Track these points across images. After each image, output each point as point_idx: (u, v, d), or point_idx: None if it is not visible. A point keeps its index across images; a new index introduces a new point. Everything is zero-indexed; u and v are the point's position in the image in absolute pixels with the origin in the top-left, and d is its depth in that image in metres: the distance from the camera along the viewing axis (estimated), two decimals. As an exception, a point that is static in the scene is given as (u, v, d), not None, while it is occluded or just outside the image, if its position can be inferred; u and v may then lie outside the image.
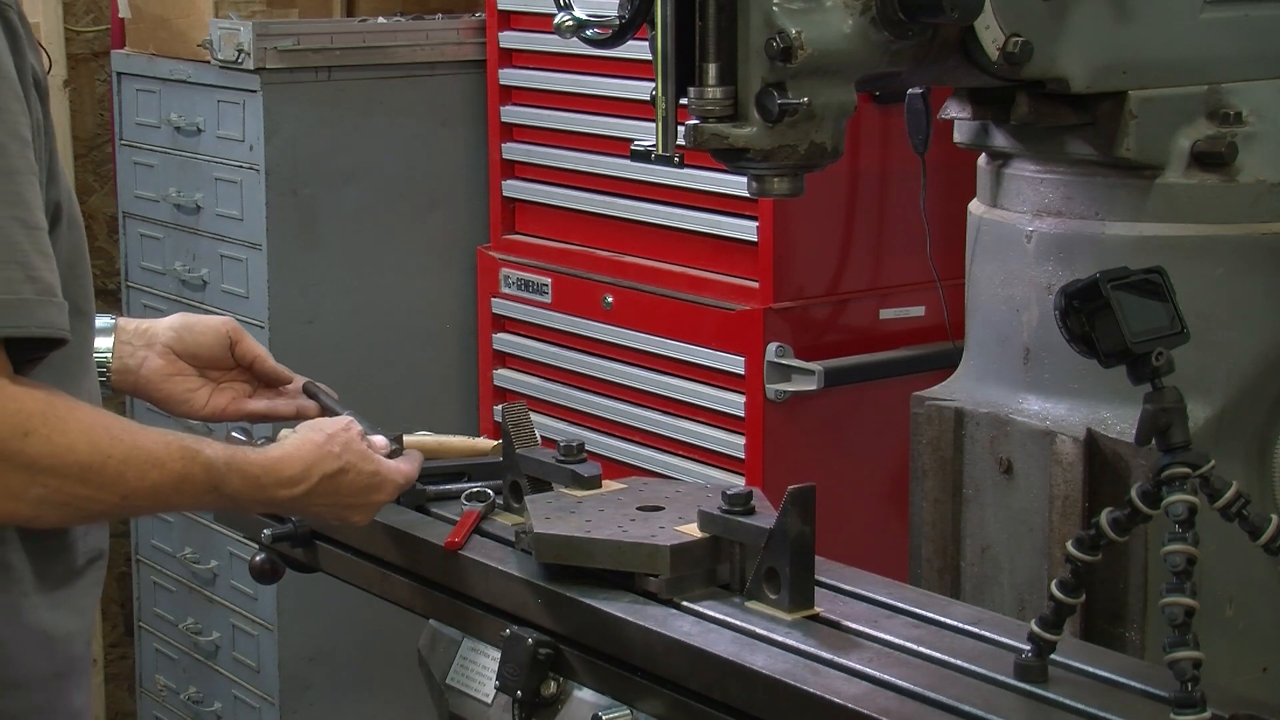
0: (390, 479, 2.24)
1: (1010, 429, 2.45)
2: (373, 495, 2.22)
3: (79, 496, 1.85)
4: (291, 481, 2.11)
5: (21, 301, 1.79)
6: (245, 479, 2.05)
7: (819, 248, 3.61)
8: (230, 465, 2.02)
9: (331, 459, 2.15)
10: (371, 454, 2.23)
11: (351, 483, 2.18)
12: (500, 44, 4.22)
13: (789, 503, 2.09)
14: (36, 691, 1.96)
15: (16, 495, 1.82)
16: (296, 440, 2.16)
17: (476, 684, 2.30)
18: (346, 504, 2.20)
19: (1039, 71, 2.29)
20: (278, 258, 4.20)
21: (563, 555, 2.21)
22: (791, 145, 2.17)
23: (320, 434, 2.17)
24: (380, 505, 2.25)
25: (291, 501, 2.14)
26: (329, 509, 2.19)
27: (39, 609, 1.96)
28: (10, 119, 1.80)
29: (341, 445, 2.17)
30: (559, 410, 4.06)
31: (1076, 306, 1.88)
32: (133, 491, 1.90)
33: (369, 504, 2.23)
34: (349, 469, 2.17)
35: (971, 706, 1.87)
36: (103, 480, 1.86)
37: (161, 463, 1.92)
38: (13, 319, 1.78)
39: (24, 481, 1.81)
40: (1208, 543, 1.86)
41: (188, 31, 4.34)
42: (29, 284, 1.79)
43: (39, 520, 1.88)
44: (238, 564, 4.36)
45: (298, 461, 2.12)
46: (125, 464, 1.88)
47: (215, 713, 4.59)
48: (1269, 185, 2.36)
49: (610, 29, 2.22)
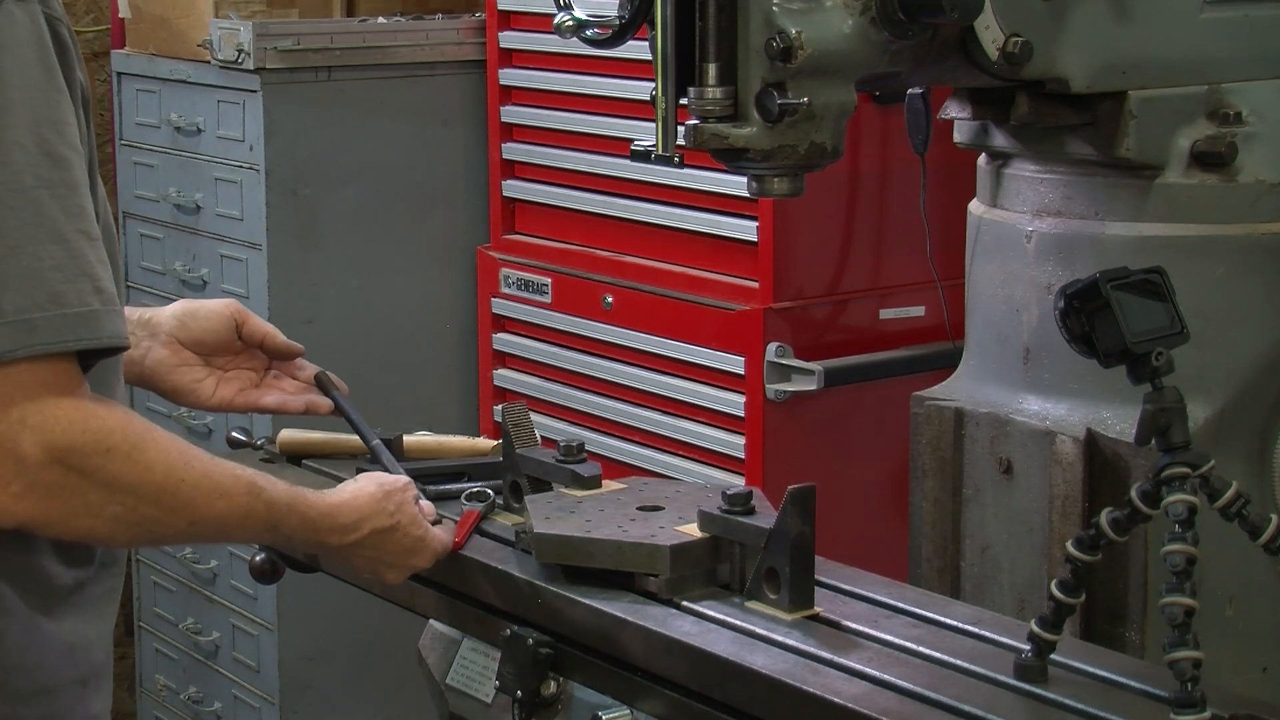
0: (431, 547, 2.26)
1: (1010, 429, 2.45)
2: (412, 558, 2.25)
3: (150, 518, 1.87)
4: (344, 530, 2.15)
5: (92, 313, 1.81)
6: (303, 522, 2.08)
7: (819, 248, 3.61)
8: (291, 507, 2.05)
9: (385, 515, 2.19)
10: (421, 519, 2.26)
11: (397, 543, 2.21)
12: (500, 44, 4.22)
13: (789, 503, 2.09)
14: (60, 698, 1.97)
15: (94, 512, 1.83)
16: (354, 489, 2.20)
17: (476, 684, 2.30)
18: (387, 561, 2.22)
19: (1039, 71, 2.29)
20: (278, 258, 4.20)
21: (563, 555, 2.21)
22: (791, 145, 2.17)
23: (379, 489, 2.20)
24: (415, 570, 2.27)
25: (339, 549, 2.17)
26: (369, 562, 2.22)
27: (64, 616, 1.97)
28: (70, 132, 1.83)
29: (396, 505, 2.21)
30: (559, 410, 4.06)
31: (1076, 306, 1.88)
32: (200, 519, 1.91)
33: (406, 566, 2.25)
34: (398, 529, 2.21)
35: (971, 706, 1.87)
36: (175, 504, 1.88)
37: (229, 494, 1.94)
38: (87, 331, 1.80)
39: (102, 499, 1.82)
40: (1208, 543, 1.86)
41: (188, 31, 4.34)
42: (96, 295, 1.81)
43: (111, 539, 1.91)
44: (238, 564, 4.36)
45: (353, 512, 2.16)
46: (196, 490, 1.90)
47: (215, 713, 4.59)
48: (1269, 185, 2.36)
49: (610, 29, 2.22)
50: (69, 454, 1.79)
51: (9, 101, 1.78)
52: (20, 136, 1.78)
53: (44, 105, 1.80)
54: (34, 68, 1.80)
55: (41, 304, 1.77)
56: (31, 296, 1.77)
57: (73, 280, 1.79)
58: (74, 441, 1.79)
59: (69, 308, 1.79)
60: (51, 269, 1.78)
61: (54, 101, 1.81)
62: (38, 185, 1.78)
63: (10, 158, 1.77)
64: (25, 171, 1.78)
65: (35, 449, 1.77)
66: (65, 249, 1.79)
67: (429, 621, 2.43)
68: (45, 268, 1.78)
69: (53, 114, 1.81)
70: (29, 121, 1.79)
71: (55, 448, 1.78)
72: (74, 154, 1.83)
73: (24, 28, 1.80)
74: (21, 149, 1.78)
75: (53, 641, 1.95)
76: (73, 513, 1.82)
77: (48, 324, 1.77)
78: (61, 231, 1.79)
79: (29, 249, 1.77)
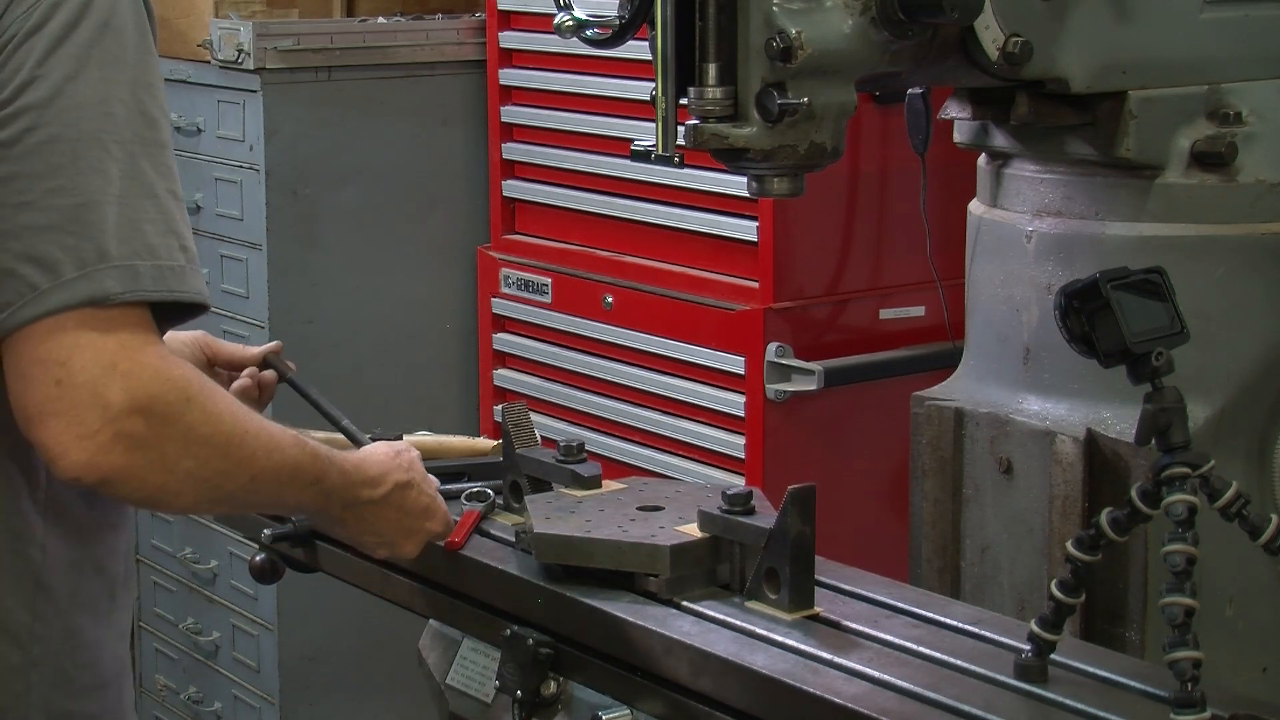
0: (441, 509, 2.29)
1: (1010, 429, 2.45)
2: (426, 521, 2.25)
3: (219, 472, 1.87)
4: (374, 482, 2.16)
5: (180, 269, 1.82)
6: (342, 474, 2.08)
7: (819, 248, 3.61)
8: (330, 461, 2.06)
9: (402, 470, 2.20)
10: (430, 480, 2.28)
11: (415, 500, 2.22)
12: (500, 44, 4.22)
13: (789, 503, 2.09)
14: (112, 692, 2.00)
15: (169, 467, 1.82)
16: (367, 449, 2.23)
17: (476, 684, 2.30)
18: (407, 525, 2.23)
19: (1039, 71, 2.29)
20: (278, 258, 4.20)
21: (563, 555, 2.21)
22: (791, 145, 2.17)
23: (389, 448, 2.23)
24: (429, 536, 2.27)
25: (371, 505, 2.16)
26: (393, 524, 2.21)
27: (115, 610, 2.01)
28: (160, 95, 1.87)
29: (408, 462, 2.23)
30: (559, 410, 4.06)
31: (1076, 306, 1.88)
32: (261, 472, 1.91)
33: (422, 530, 2.25)
34: (414, 485, 2.22)
35: (971, 706, 1.87)
36: (241, 456, 1.88)
37: (281, 447, 1.95)
38: (180, 285, 1.82)
39: (179, 452, 1.82)
40: (1208, 543, 1.86)
41: (188, 31, 4.34)
42: (183, 253, 1.83)
43: (178, 498, 1.88)
44: (238, 564, 4.36)
45: (376, 464, 2.18)
46: (258, 441, 1.90)
47: (215, 713, 4.59)
48: (1269, 185, 2.36)
49: (610, 29, 2.22)
50: (154, 402, 1.79)
51: (116, 59, 1.82)
52: (123, 93, 1.82)
53: (140, 66, 1.85)
54: (135, 31, 1.85)
55: (140, 253, 1.79)
56: (132, 245, 1.79)
57: (164, 235, 1.82)
58: (158, 390, 1.79)
59: (163, 260, 1.81)
60: (147, 221, 1.81)
61: (149, 65, 1.86)
62: (134, 140, 1.82)
63: (114, 110, 1.81)
64: (126, 126, 1.81)
65: (122, 396, 1.77)
66: (156, 205, 1.82)
67: (429, 621, 2.43)
68: (142, 219, 1.81)
69: (147, 76, 1.86)
70: (130, 80, 1.83)
71: (142, 394, 1.78)
72: (163, 116, 1.87)
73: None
74: (123, 104, 1.82)
75: (109, 636, 1.99)
76: (149, 467, 1.81)
77: (148, 273, 1.80)
78: (153, 188, 1.82)
79: (129, 200, 1.80)
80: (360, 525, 2.19)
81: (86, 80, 1.79)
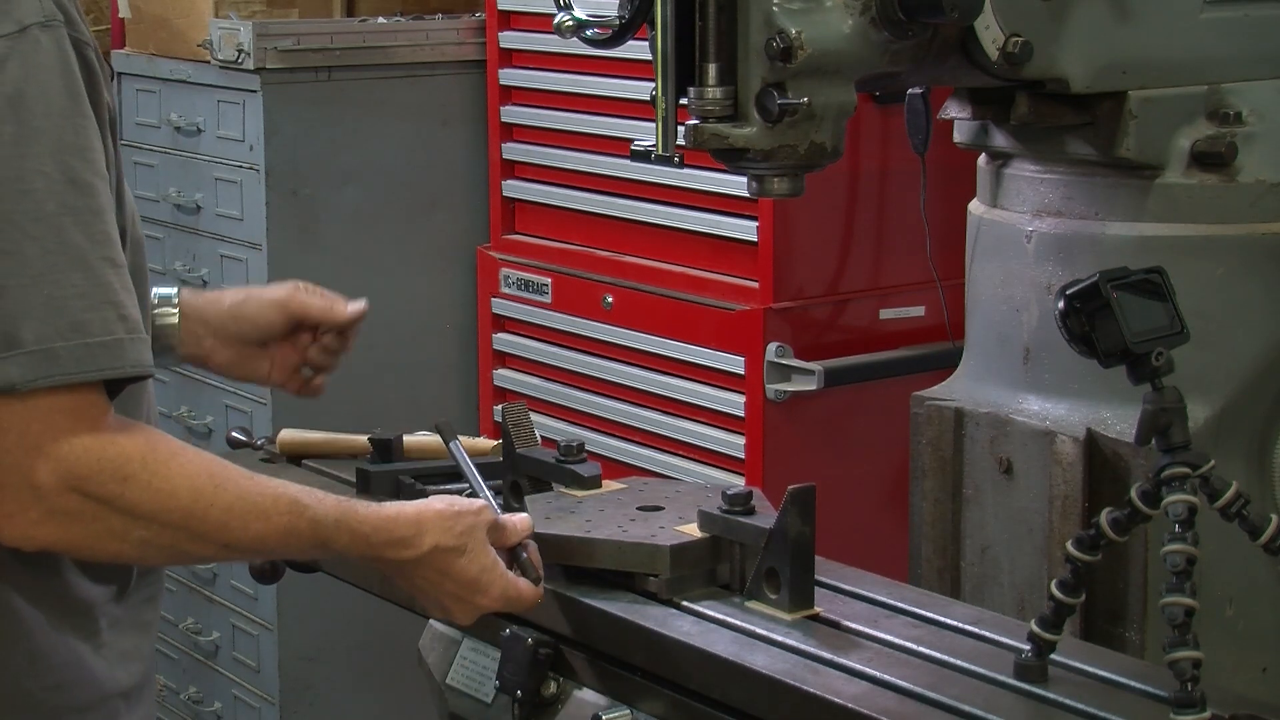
0: (497, 585, 2.07)
1: (1010, 429, 2.45)
2: (477, 595, 2.06)
3: (179, 543, 1.86)
4: (402, 543, 2.01)
5: (116, 342, 1.80)
6: (354, 537, 1.98)
7: (819, 248, 3.62)
8: (340, 523, 1.97)
9: (450, 535, 2.03)
10: (493, 553, 2.07)
11: (463, 569, 2.04)
12: (500, 44, 4.23)
13: (789, 503, 2.09)
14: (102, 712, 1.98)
15: (120, 537, 1.82)
16: (418, 504, 2.06)
17: (476, 684, 2.30)
18: (451, 591, 2.05)
19: (1039, 71, 2.29)
20: (278, 258, 4.20)
21: (563, 555, 2.21)
22: (791, 145, 2.17)
23: (447, 507, 2.05)
24: (484, 610, 2.08)
25: (400, 565, 2.02)
26: (433, 589, 2.05)
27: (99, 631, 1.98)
28: (95, 159, 1.82)
29: (466, 527, 2.04)
30: (559, 410, 4.06)
31: (1076, 307, 1.88)
32: (235, 542, 1.89)
33: (472, 604, 2.06)
34: (465, 552, 2.03)
35: (971, 706, 1.87)
36: (205, 529, 1.86)
37: (267, 515, 1.90)
38: (110, 360, 1.79)
39: (125, 524, 1.82)
40: (1208, 543, 1.86)
41: (188, 31, 4.34)
42: (120, 323, 1.80)
43: (144, 560, 1.92)
44: (238, 564, 4.36)
45: (410, 524, 2.02)
46: (229, 513, 1.87)
47: (215, 713, 4.59)
48: (1269, 185, 2.36)
49: (610, 29, 2.22)
50: (85, 482, 1.78)
51: (33, 130, 1.78)
52: (44, 164, 1.77)
53: (69, 132, 1.80)
54: (59, 95, 1.80)
55: (64, 333, 1.77)
56: (54, 325, 1.76)
57: (96, 308, 1.78)
58: (90, 470, 1.78)
59: (92, 336, 1.78)
60: (74, 297, 1.77)
61: (79, 128, 1.81)
62: (61, 212, 1.78)
63: (32, 185, 1.77)
64: (48, 199, 1.77)
65: (51, 478, 1.77)
66: (89, 276, 1.78)
67: (429, 621, 2.42)
68: (68, 296, 1.77)
69: (78, 140, 1.80)
70: (53, 149, 1.78)
71: (71, 476, 1.77)
72: (99, 180, 1.82)
73: (50, 54, 1.80)
74: (44, 176, 1.77)
75: (89, 658, 1.96)
76: (97, 537, 1.81)
77: (70, 353, 1.77)
78: (85, 259, 1.78)
79: (51, 277, 1.77)
80: (404, 583, 2.08)
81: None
